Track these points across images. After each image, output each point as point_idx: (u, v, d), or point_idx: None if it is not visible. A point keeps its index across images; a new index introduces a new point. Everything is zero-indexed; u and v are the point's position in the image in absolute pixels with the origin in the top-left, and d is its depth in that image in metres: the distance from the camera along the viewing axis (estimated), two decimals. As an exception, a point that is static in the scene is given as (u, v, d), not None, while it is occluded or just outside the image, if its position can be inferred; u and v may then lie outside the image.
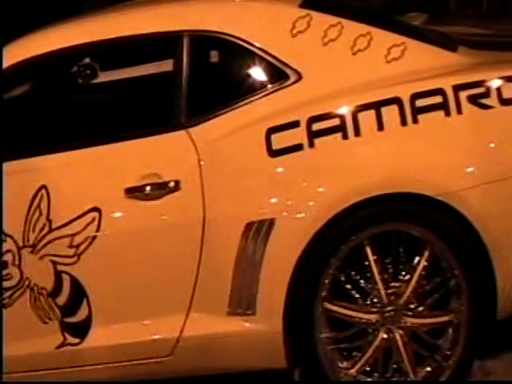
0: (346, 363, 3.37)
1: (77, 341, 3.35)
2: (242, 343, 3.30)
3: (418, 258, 3.30)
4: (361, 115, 3.24)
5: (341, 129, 3.23)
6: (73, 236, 3.26)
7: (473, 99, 3.26)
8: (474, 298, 3.31)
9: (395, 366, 3.35)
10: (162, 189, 3.27)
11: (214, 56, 3.79)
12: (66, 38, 3.46)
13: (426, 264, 3.30)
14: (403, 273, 3.32)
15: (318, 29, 3.37)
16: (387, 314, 3.31)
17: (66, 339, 3.35)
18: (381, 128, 3.24)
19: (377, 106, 3.24)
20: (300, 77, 3.33)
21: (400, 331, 3.32)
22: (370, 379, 3.37)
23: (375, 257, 3.28)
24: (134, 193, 3.27)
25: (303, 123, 3.23)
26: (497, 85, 3.28)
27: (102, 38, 3.43)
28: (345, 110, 3.25)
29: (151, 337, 3.34)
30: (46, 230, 3.28)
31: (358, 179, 3.23)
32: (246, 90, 3.37)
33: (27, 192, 3.29)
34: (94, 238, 3.26)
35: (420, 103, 3.24)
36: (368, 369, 3.36)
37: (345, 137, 3.23)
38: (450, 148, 3.27)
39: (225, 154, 3.27)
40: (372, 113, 3.24)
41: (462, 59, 3.45)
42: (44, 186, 3.28)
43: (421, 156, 3.26)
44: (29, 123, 3.63)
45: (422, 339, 3.36)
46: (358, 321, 3.33)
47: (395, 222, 3.29)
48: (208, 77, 3.46)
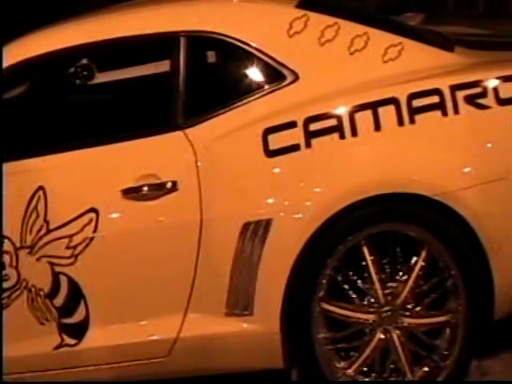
0: (343, 363, 3.36)
1: (74, 342, 3.35)
2: (240, 344, 3.31)
3: (415, 258, 3.31)
4: (358, 115, 3.24)
5: (338, 129, 3.23)
6: (70, 237, 3.26)
7: (470, 99, 3.26)
8: (472, 298, 3.31)
9: (393, 366, 3.35)
10: (159, 189, 3.27)
11: (211, 57, 3.79)
12: (64, 38, 3.46)
13: (423, 264, 3.30)
14: (400, 273, 3.32)
15: (315, 29, 3.37)
16: (384, 314, 3.32)
17: (63, 340, 3.35)
18: (378, 128, 3.24)
19: (374, 107, 3.24)
20: (297, 77, 3.33)
21: (397, 331, 3.32)
22: (367, 379, 3.37)
23: (372, 257, 3.28)
24: (131, 193, 3.27)
25: (300, 123, 3.24)
26: (494, 85, 3.28)
27: (98, 38, 3.43)
28: (342, 111, 3.25)
29: (149, 337, 3.34)
30: (43, 231, 3.28)
31: (355, 179, 3.24)
32: (242, 91, 3.37)
33: (24, 193, 3.29)
34: (92, 238, 3.27)
35: (417, 103, 3.25)
36: (365, 369, 3.36)
37: (342, 137, 3.23)
38: (447, 148, 3.27)
39: (222, 155, 3.27)
40: (369, 113, 3.24)
41: (459, 59, 3.45)
42: (41, 187, 3.28)
43: (418, 156, 3.27)
44: (25, 124, 3.62)
45: (420, 339, 3.36)
46: (356, 321, 3.33)
47: (392, 222, 3.29)
48: (205, 77, 3.46)
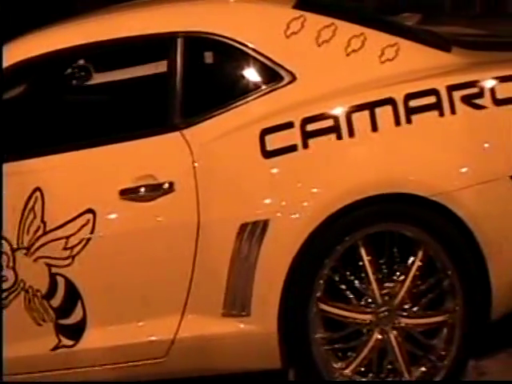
0: (340, 363, 3.37)
1: (71, 343, 3.35)
2: (237, 344, 3.31)
3: (412, 259, 3.31)
4: (355, 116, 3.24)
5: (335, 129, 3.24)
6: (67, 238, 3.26)
7: (466, 99, 3.26)
8: (469, 298, 3.31)
9: (390, 367, 3.36)
10: (156, 190, 3.27)
11: (209, 57, 3.79)
12: (62, 39, 3.45)
13: (420, 264, 3.31)
14: (397, 273, 3.32)
15: (312, 30, 3.37)
16: (382, 315, 3.32)
17: (60, 341, 3.35)
18: (375, 129, 3.24)
19: (371, 107, 3.24)
20: (294, 78, 3.33)
21: (394, 331, 3.32)
22: (364, 379, 3.37)
23: (370, 257, 3.29)
24: (128, 194, 3.27)
25: (297, 124, 3.24)
26: (490, 85, 3.28)
27: (96, 39, 3.42)
28: (339, 111, 3.25)
29: (146, 338, 3.34)
30: (40, 232, 3.27)
31: (352, 180, 3.24)
32: (240, 91, 3.37)
33: (21, 194, 3.29)
34: (89, 239, 3.26)
35: (414, 103, 3.25)
36: (363, 369, 3.36)
37: (339, 137, 3.23)
38: (444, 148, 3.27)
39: (219, 155, 3.27)
40: (366, 113, 3.24)
41: (456, 59, 3.45)
42: (38, 188, 3.28)
43: (415, 156, 3.27)
44: (22, 125, 3.62)
45: (417, 339, 3.36)
46: (353, 321, 3.33)
47: (390, 223, 3.29)
48: (202, 78, 3.46)
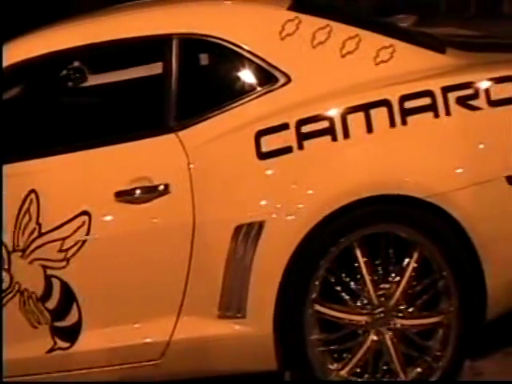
0: (336, 365, 3.37)
1: (67, 345, 3.35)
2: (233, 346, 3.30)
3: (407, 260, 3.31)
4: (350, 117, 3.24)
5: (330, 131, 3.24)
6: (63, 240, 3.26)
7: (461, 101, 3.27)
8: (464, 299, 3.31)
9: (385, 368, 3.36)
10: (151, 192, 3.27)
11: (204, 59, 3.79)
12: (58, 41, 3.45)
13: (415, 265, 3.31)
14: (393, 274, 3.32)
15: (307, 31, 3.37)
16: (377, 316, 3.32)
17: (56, 343, 3.34)
18: (370, 130, 3.24)
19: (366, 108, 3.25)
20: (289, 79, 3.33)
21: (390, 333, 3.32)
22: (360, 380, 3.37)
23: (365, 258, 3.29)
24: (123, 196, 3.27)
25: (292, 126, 3.24)
26: (485, 86, 3.29)
27: (91, 41, 3.42)
28: (334, 113, 3.25)
29: (142, 340, 3.33)
30: (35, 234, 3.27)
31: (347, 181, 3.24)
32: (235, 93, 3.37)
33: (17, 196, 3.28)
34: (84, 241, 3.26)
35: (409, 105, 3.25)
36: (358, 370, 3.36)
37: (334, 139, 3.24)
38: (439, 149, 3.27)
39: (214, 157, 3.27)
40: (361, 115, 3.24)
41: (451, 61, 3.46)
42: (33, 190, 3.27)
43: (410, 158, 3.27)
44: (17, 127, 3.62)
45: (412, 340, 3.36)
46: (348, 322, 3.33)
47: (385, 224, 3.29)
48: (197, 80, 3.46)
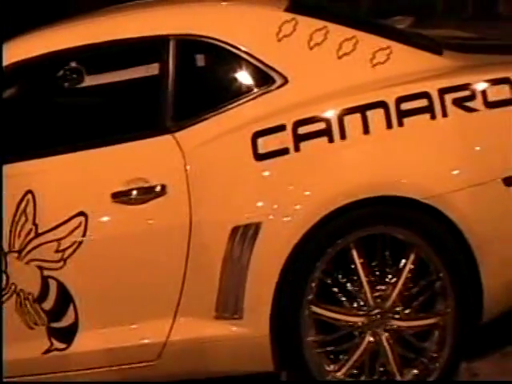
0: (332, 366, 3.37)
1: (64, 346, 3.34)
2: (229, 347, 3.30)
3: (404, 261, 3.31)
4: (346, 119, 3.24)
5: (326, 132, 3.24)
6: (59, 241, 3.26)
7: (458, 102, 3.27)
8: (460, 301, 3.32)
9: (382, 369, 3.36)
10: (148, 193, 3.27)
11: (200, 60, 3.79)
12: (54, 41, 3.45)
13: (412, 267, 3.31)
14: (389, 276, 3.33)
15: (304, 33, 3.37)
16: (374, 317, 3.32)
17: (52, 344, 3.34)
18: (366, 131, 3.25)
19: (362, 110, 3.25)
20: (286, 81, 3.34)
21: (386, 334, 3.32)
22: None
23: (362, 260, 3.29)
24: (120, 197, 3.27)
25: (289, 127, 3.24)
26: (482, 88, 3.29)
27: (88, 42, 3.42)
28: (330, 114, 3.26)
29: (139, 341, 3.33)
30: (32, 234, 3.27)
31: (344, 183, 3.24)
32: (232, 94, 3.37)
33: (13, 197, 3.28)
34: (81, 242, 3.26)
35: (405, 106, 3.25)
36: (355, 371, 3.36)
37: (331, 140, 3.24)
38: (436, 151, 3.28)
39: (211, 158, 3.27)
40: (358, 116, 3.25)
41: (448, 62, 3.46)
42: (30, 191, 3.27)
43: (407, 159, 3.27)
44: (14, 128, 3.61)
45: (409, 342, 3.36)
46: (345, 324, 3.33)
47: (381, 225, 3.29)
48: (194, 81, 3.46)
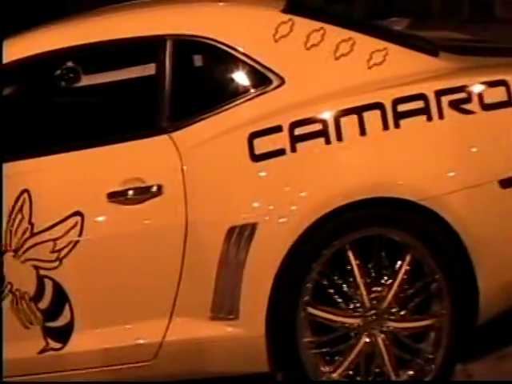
0: (328, 367, 3.37)
1: (59, 346, 3.34)
2: (225, 347, 3.30)
3: (400, 263, 3.32)
4: (343, 120, 3.25)
5: (323, 134, 3.24)
6: (55, 240, 3.26)
7: (454, 104, 3.27)
8: (456, 302, 3.32)
9: (377, 370, 3.36)
10: (144, 193, 3.26)
11: (197, 60, 3.79)
12: (50, 41, 3.45)
13: (408, 268, 3.31)
14: (385, 277, 3.33)
15: (301, 34, 3.37)
16: (369, 319, 3.32)
17: (48, 344, 3.34)
18: (363, 133, 3.25)
19: (359, 111, 3.25)
20: (283, 81, 3.34)
21: (382, 335, 3.32)
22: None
23: (357, 261, 3.29)
24: (116, 197, 3.27)
25: (285, 128, 3.24)
26: (478, 90, 3.30)
27: (84, 41, 3.42)
28: (327, 115, 3.26)
29: (134, 341, 3.33)
30: (28, 234, 3.26)
31: (340, 184, 3.24)
32: (228, 95, 3.37)
33: (9, 196, 3.27)
34: (77, 242, 3.26)
35: (402, 108, 3.26)
36: (351, 373, 3.36)
37: (327, 142, 3.24)
38: (432, 153, 3.28)
39: (207, 159, 3.27)
40: (354, 118, 3.25)
41: (444, 64, 3.46)
42: (26, 190, 3.27)
43: (403, 161, 3.28)
44: (10, 127, 3.61)
45: (404, 343, 3.36)
46: (341, 325, 3.33)
47: (377, 227, 3.29)
48: (190, 81, 3.46)
